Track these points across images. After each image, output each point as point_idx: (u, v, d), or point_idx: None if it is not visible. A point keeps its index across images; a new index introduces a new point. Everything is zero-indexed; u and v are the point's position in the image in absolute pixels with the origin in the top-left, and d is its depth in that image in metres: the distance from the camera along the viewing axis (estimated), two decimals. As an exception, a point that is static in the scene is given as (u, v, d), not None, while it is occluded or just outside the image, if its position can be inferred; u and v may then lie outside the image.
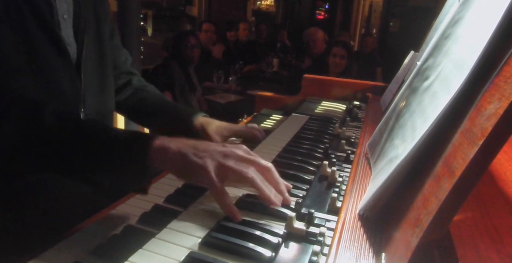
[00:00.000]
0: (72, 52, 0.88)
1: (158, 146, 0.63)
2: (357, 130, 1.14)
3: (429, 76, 0.65)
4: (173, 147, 0.63)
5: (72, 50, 0.88)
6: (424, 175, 0.49)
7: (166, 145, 0.64)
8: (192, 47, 3.06)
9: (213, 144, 0.66)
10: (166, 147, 0.63)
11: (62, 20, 0.86)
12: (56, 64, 0.82)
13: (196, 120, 1.04)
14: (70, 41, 0.88)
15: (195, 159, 0.62)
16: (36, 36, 0.78)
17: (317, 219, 0.61)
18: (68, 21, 0.88)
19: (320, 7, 7.59)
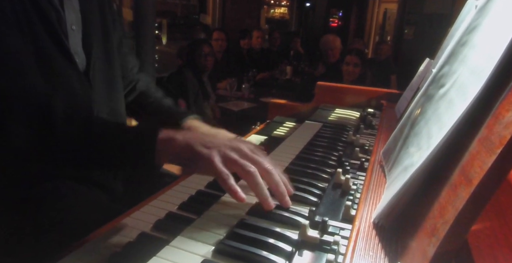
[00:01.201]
0: (81, 62, 0.90)
1: (164, 137, 0.65)
2: (371, 138, 1.13)
3: (445, 83, 0.65)
4: (179, 138, 0.65)
5: (80, 59, 0.89)
6: (440, 183, 0.48)
7: (172, 136, 0.65)
8: (206, 55, 3.10)
9: (220, 137, 0.69)
10: (172, 138, 0.65)
11: (71, 30, 0.87)
12: (66, 73, 0.84)
13: (185, 123, 1.04)
14: (78, 51, 0.89)
15: (201, 149, 0.63)
16: (46, 45, 0.80)
17: (331, 227, 0.60)
18: (76, 31, 0.89)
19: (333, 14, 7.59)
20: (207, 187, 0.77)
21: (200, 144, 0.64)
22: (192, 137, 0.65)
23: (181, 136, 0.65)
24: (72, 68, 0.85)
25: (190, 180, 0.79)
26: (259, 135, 1.20)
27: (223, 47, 4.33)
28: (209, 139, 0.66)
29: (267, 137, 1.18)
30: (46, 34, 0.80)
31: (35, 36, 0.77)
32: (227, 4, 6.06)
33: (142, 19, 2.81)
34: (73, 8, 0.88)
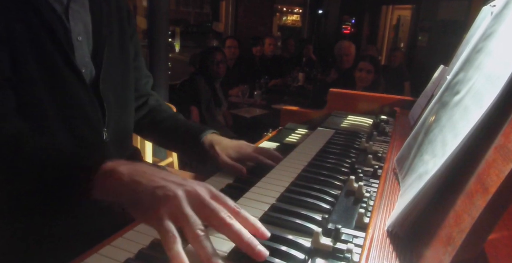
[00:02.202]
0: (89, 73, 0.90)
1: (106, 169, 0.58)
2: (384, 145, 1.12)
3: (460, 90, 0.64)
4: (123, 172, 0.56)
5: (88, 70, 0.89)
6: (455, 191, 0.47)
7: (115, 169, 0.57)
8: (218, 62, 3.12)
9: (173, 175, 0.58)
10: (114, 172, 0.57)
11: (76, 42, 0.87)
12: (72, 85, 0.84)
13: (205, 138, 1.00)
14: (86, 62, 0.89)
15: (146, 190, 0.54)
16: (51, 56, 0.80)
17: (344, 235, 0.60)
18: (84, 42, 0.89)
19: (346, 21, 7.59)
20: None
21: (148, 180, 0.54)
22: (139, 172, 0.56)
23: (126, 169, 0.56)
24: (77, 80, 0.85)
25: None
26: (271, 141, 1.21)
27: (235, 54, 4.37)
28: (160, 174, 0.56)
29: (279, 143, 1.18)
30: (52, 46, 0.80)
31: (41, 50, 0.78)
32: (239, 12, 6.11)
33: (156, 27, 2.85)
34: (81, 19, 0.89)
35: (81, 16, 0.89)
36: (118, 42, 0.97)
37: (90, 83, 0.89)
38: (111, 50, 0.95)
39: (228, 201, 0.57)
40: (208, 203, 0.54)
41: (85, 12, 0.90)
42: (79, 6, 0.88)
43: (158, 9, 2.83)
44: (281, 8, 8.48)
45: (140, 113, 1.13)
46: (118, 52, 0.97)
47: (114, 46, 0.96)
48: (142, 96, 1.15)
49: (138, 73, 1.10)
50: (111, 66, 0.94)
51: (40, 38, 0.78)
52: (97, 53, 0.91)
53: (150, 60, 2.91)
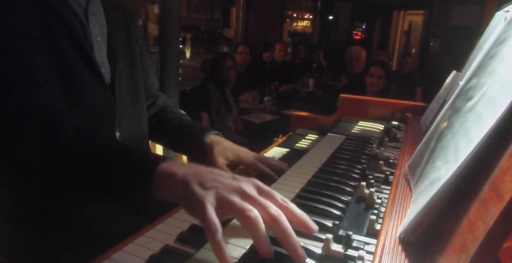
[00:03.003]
0: (106, 73, 0.92)
1: (164, 169, 0.59)
2: (395, 151, 1.11)
3: (473, 96, 0.63)
4: (179, 173, 0.58)
5: (106, 70, 0.92)
6: (469, 198, 0.47)
7: (173, 170, 0.59)
8: (229, 68, 3.14)
9: (224, 175, 0.60)
10: (172, 172, 0.59)
11: (95, 42, 0.90)
12: (90, 85, 0.86)
13: (207, 138, 1.02)
14: (103, 62, 0.91)
15: (197, 189, 0.56)
16: (71, 57, 0.82)
17: (355, 241, 0.59)
18: (101, 42, 0.92)
19: (357, 27, 7.57)
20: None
21: (198, 182, 0.56)
22: (191, 173, 0.58)
23: (181, 171, 0.58)
24: (97, 80, 0.87)
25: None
26: (281, 147, 1.20)
27: (246, 61, 4.39)
28: (210, 176, 0.58)
29: (289, 149, 1.18)
30: (72, 47, 0.82)
31: (59, 50, 0.79)
32: (250, 18, 6.15)
33: (167, 34, 2.88)
34: (97, 20, 0.91)
35: (97, 18, 0.92)
36: (126, 43, 1.00)
37: (107, 83, 0.91)
38: (122, 51, 0.97)
39: (276, 195, 0.58)
40: (256, 199, 0.55)
41: (100, 14, 0.93)
42: (96, 8, 0.91)
43: (170, 16, 2.86)
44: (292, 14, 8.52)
45: (149, 114, 1.15)
46: (127, 53, 1.00)
47: (124, 47, 0.99)
48: (151, 97, 1.17)
49: (145, 74, 1.12)
50: (124, 67, 0.97)
51: (61, 39, 0.80)
52: (111, 54, 0.94)
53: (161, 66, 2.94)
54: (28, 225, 0.84)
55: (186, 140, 1.07)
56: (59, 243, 0.81)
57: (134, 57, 1.03)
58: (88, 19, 0.88)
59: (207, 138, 1.02)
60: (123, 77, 0.96)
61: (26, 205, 0.84)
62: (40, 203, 0.82)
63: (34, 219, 0.83)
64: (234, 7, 6.25)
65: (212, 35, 9.66)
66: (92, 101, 0.86)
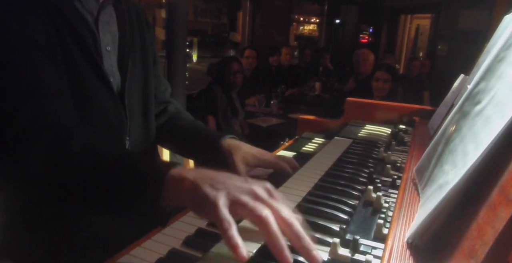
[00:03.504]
0: (116, 82, 0.92)
1: (175, 175, 0.59)
2: (403, 154, 1.10)
3: (481, 100, 0.63)
4: (190, 177, 0.58)
5: (115, 80, 0.91)
6: (477, 202, 0.46)
7: (183, 175, 0.59)
8: (235, 72, 3.15)
9: (234, 177, 0.60)
10: (183, 177, 0.59)
11: (105, 52, 0.89)
12: (99, 94, 0.85)
13: (224, 143, 0.98)
14: (113, 71, 0.91)
15: (208, 190, 0.56)
16: (80, 66, 0.81)
17: (363, 246, 0.59)
18: (112, 52, 0.91)
19: (364, 30, 7.56)
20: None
21: (209, 184, 0.57)
22: (202, 177, 0.58)
23: (191, 175, 0.59)
24: (106, 90, 0.87)
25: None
26: (287, 151, 1.20)
27: (253, 65, 4.40)
28: (221, 179, 0.58)
29: (295, 153, 1.18)
30: (81, 56, 0.81)
31: (69, 60, 0.79)
32: (256, 22, 6.17)
33: (174, 38, 2.90)
34: (109, 30, 0.91)
35: (109, 27, 0.91)
36: (139, 51, 1.00)
37: (116, 92, 0.91)
38: (134, 60, 0.97)
39: (285, 200, 0.58)
40: (267, 201, 0.55)
41: (112, 23, 0.92)
42: (108, 17, 0.91)
43: (177, 20, 2.88)
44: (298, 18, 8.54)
45: (160, 120, 1.14)
46: (140, 61, 0.99)
47: (136, 56, 0.98)
48: (162, 104, 1.16)
49: (157, 81, 1.12)
50: (135, 75, 0.96)
51: (70, 48, 0.80)
52: (122, 63, 0.93)
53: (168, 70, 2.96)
54: (36, 229, 0.84)
55: (202, 145, 1.04)
56: (67, 246, 0.81)
57: (148, 64, 1.03)
58: (98, 28, 0.88)
59: (224, 142, 0.98)
60: (134, 86, 0.96)
61: (34, 209, 0.84)
62: (48, 207, 0.83)
63: (42, 223, 0.84)
64: (240, 11, 6.28)
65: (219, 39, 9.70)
66: (101, 111, 0.86)
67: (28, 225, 0.85)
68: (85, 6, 0.85)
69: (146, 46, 1.03)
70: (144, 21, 1.06)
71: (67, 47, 0.80)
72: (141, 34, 1.02)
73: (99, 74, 0.85)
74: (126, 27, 0.96)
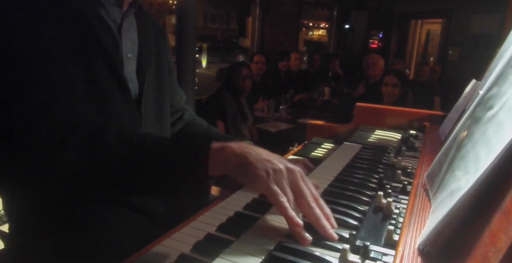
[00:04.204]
0: (134, 89, 0.93)
1: (218, 146, 0.65)
2: (413, 160, 1.09)
3: (494, 105, 0.62)
4: (234, 146, 0.65)
5: (133, 86, 0.93)
6: (490, 209, 0.45)
7: (226, 144, 0.65)
8: (244, 78, 3.16)
9: (274, 155, 0.67)
10: (226, 146, 0.65)
11: (126, 58, 0.91)
12: (117, 100, 0.86)
13: None
14: (132, 78, 0.93)
15: (255, 162, 0.63)
16: (102, 72, 0.82)
17: (373, 252, 0.58)
18: (132, 58, 0.93)
19: (373, 36, 7.53)
20: (245, 208, 0.77)
21: (255, 153, 0.64)
22: (247, 147, 0.65)
23: (236, 145, 0.65)
24: (124, 96, 0.88)
25: (228, 202, 0.80)
26: (296, 156, 1.20)
27: (262, 70, 4.41)
28: (263, 153, 0.66)
29: (304, 158, 1.17)
30: (103, 62, 0.83)
31: (91, 65, 0.80)
32: (265, 27, 6.19)
33: (184, 44, 2.92)
34: (130, 37, 0.93)
35: (130, 35, 0.93)
36: (156, 60, 1.02)
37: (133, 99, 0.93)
38: (151, 68, 0.98)
39: (312, 187, 0.67)
40: (297, 185, 0.64)
41: (133, 31, 0.95)
42: (129, 25, 0.93)
43: (186, 26, 2.90)
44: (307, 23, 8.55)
45: (176, 128, 1.16)
46: (156, 69, 1.01)
47: (153, 64, 1.00)
48: (177, 112, 1.18)
49: (172, 89, 1.14)
50: (151, 83, 0.98)
51: (92, 54, 0.81)
52: (140, 70, 0.95)
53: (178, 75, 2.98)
54: (45, 234, 0.85)
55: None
56: (76, 252, 0.81)
57: (163, 74, 1.05)
58: (121, 35, 0.90)
59: None
60: (150, 94, 0.97)
61: (45, 214, 0.85)
62: (59, 212, 0.83)
63: (52, 228, 0.84)
64: (250, 17, 6.31)
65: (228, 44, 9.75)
66: (118, 117, 0.87)
67: (38, 231, 0.86)
68: (109, 13, 0.87)
69: (162, 56, 1.05)
70: (161, 33, 1.09)
71: (90, 53, 0.81)
72: (157, 44, 1.04)
73: (119, 80, 0.86)
74: (145, 36, 0.98)
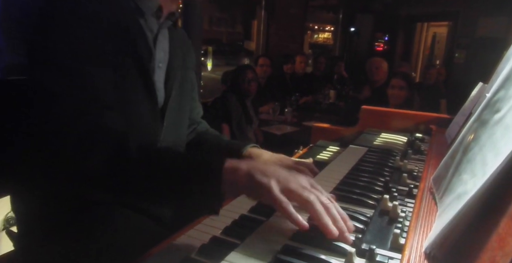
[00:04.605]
0: (160, 98, 0.94)
1: (230, 166, 0.67)
2: (419, 163, 1.08)
3: (501, 108, 0.62)
4: (243, 168, 0.67)
5: (160, 96, 0.94)
6: (498, 213, 0.45)
7: (237, 165, 0.67)
8: (250, 81, 3.16)
9: (280, 169, 0.69)
10: (237, 167, 0.67)
11: (157, 68, 0.93)
12: (144, 108, 0.87)
13: (246, 151, 1.06)
14: (160, 88, 0.94)
15: (260, 178, 0.65)
16: (132, 79, 0.83)
17: (379, 256, 0.58)
18: (162, 69, 0.95)
19: (379, 38, 7.51)
20: (250, 211, 0.77)
21: (261, 173, 0.66)
22: (253, 166, 0.67)
23: (245, 165, 0.67)
24: (151, 104, 0.89)
25: (234, 204, 0.80)
26: (302, 159, 1.20)
27: (267, 73, 4.41)
28: (270, 168, 0.68)
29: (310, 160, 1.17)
30: (136, 69, 0.84)
31: (124, 72, 0.81)
32: (271, 31, 6.20)
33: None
34: (163, 47, 0.95)
35: (163, 45, 0.95)
36: (182, 73, 1.03)
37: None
38: (177, 80, 1.00)
39: (323, 192, 0.69)
40: (310, 190, 0.66)
41: (165, 42, 0.97)
42: (163, 36, 0.95)
43: (192, 29, 2.92)
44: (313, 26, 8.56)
45: (189, 137, 1.19)
46: (181, 82, 1.03)
47: (179, 77, 1.02)
48: (193, 124, 1.21)
49: (194, 104, 1.18)
50: (176, 94, 0.99)
51: (127, 61, 0.82)
52: (168, 81, 0.97)
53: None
54: (53, 236, 0.85)
55: (225, 154, 1.10)
56: (83, 254, 0.82)
57: (187, 87, 1.07)
58: (155, 45, 0.92)
59: (245, 151, 1.06)
60: (174, 106, 0.99)
61: (52, 216, 0.85)
62: (66, 214, 0.84)
63: (59, 230, 0.85)
64: (255, 20, 6.33)
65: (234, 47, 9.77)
66: (142, 124, 0.88)
67: (45, 233, 0.86)
68: (147, 23, 0.89)
69: (187, 70, 1.07)
70: (190, 49, 1.11)
71: (125, 60, 0.82)
72: (185, 58, 1.06)
73: (149, 89, 0.88)
74: (175, 49, 1.00)
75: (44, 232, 0.86)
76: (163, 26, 0.94)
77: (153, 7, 0.88)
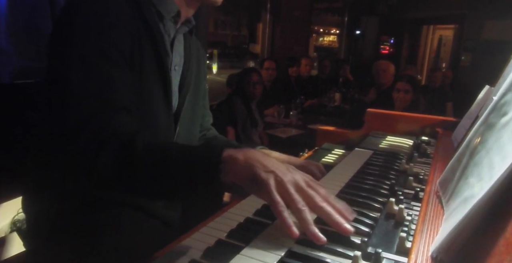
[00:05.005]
0: (175, 102, 0.96)
1: (227, 155, 0.67)
2: (425, 166, 1.08)
3: (508, 111, 0.61)
4: (240, 157, 0.66)
5: (174, 99, 0.95)
6: (505, 217, 0.45)
7: (234, 154, 0.67)
8: (255, 84, 3.16)
9: (279, 163, 0.68)
10: (234, 157, 0.66)
11: (174, 71, 0.94)
12: (159, 111, 0.89)
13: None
14: (174, 91, 0.96)
15: (260, 172, 0.64)
16: (151, 81, 0.85)
17: (385, 259, 0.58)
18: (177, 72, 0.97)
19: (384, 41, 7.50)
20: (256, 214, 0.77)
21: (261, 165, 0.65)
22: (252, 157, 0.67)
23: (242, 155, 0.67)
24: (166, 107, 0.90)
25: (239, 207, 0.80)
26: (308, 162, 1.20)
27: (273, 76, 4.41)
28: (269, 162, 0.67)
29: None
30: (154, 71, 0.85)
31: (143, 73, 0.83)
32: (276, 33, 6.21)
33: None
34: (179, 51, 0.97)
35: (179, 49, 0.97)
36: (194, 79, 1.05)
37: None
38: (190, 85, 1.01)
39: (320, 189, 0.68)
40: (306, 190, 0.65)
41: (181, 47, 0.99)
42: (179, 41, 0.98)
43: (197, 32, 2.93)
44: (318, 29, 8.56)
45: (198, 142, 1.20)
46: (193, 89, 1.04)
47: (192, 82, 1.03)
48: (203, 131, 1.23)
49: (205, 111, 1.19)
50: (189, 100, 1.01)
51: (146, 63, 0.84)
52: (183, 85, 0.98)
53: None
54: (62, 238, 0.86)
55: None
56: (91, 256, 0.82)
57: (199, 93, 1.09)
58: (172, 49, 0.94)
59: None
60: (187, 109, 1.00)
61: (62, 218, 0.86)
62: (75, 216, 0.84)
63: (68, 232, 0.85)
64: (260, 23, 6.34)
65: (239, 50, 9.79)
66: (156, 126, 0.89)
67: (54, 235, 0.87)
68: (166, 28, 0.92)
69: (200, 77, 1.09)
70: (203, 58, 1.13)
71: (144, 61, 0.84)
72: (197, 64, 1.08)
73: (165, 91, 0.89)
74: (191, 56, 1.02)
75: (54, 233, 0.87)
76: (179, 31, 0.96)
77: (172, 11, 0.91)
